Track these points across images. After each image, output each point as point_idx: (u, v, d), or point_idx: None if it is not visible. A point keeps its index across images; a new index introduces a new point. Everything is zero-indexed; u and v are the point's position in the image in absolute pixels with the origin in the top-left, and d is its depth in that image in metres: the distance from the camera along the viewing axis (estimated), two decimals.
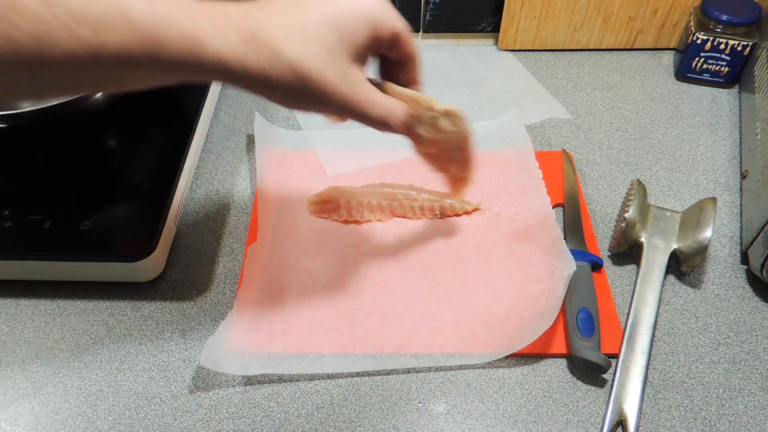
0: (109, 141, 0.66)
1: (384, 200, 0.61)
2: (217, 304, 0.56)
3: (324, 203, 0.61)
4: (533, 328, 0.50)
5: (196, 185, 0.66)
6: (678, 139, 0.70)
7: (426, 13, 0.80)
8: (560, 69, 0.79)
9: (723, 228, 0.62)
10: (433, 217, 0.61)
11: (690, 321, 0.54)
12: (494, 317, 0.53)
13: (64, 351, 0.53)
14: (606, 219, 0.62)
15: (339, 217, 0.61)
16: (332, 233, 0.60)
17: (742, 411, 0.49)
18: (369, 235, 0.60)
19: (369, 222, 0.61)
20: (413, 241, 0.59)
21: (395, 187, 0.62)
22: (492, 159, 0.66)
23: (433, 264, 0.57)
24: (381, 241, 0.59)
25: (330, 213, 0.61)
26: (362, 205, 0.61)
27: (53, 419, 0.49)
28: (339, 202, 0.61)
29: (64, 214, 0.56)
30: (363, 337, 0.52)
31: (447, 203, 0.61)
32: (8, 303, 0.56)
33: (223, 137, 0.71)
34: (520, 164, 0.65)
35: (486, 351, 0.51)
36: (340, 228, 0.61)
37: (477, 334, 0.52)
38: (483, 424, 0.48)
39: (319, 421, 0.48)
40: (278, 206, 0.62)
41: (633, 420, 0.47)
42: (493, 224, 0.60)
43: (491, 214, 0.61)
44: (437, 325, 0.53)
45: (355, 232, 0.60)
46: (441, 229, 0.60)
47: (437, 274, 0.56)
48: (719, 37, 0.71)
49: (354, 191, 0.62)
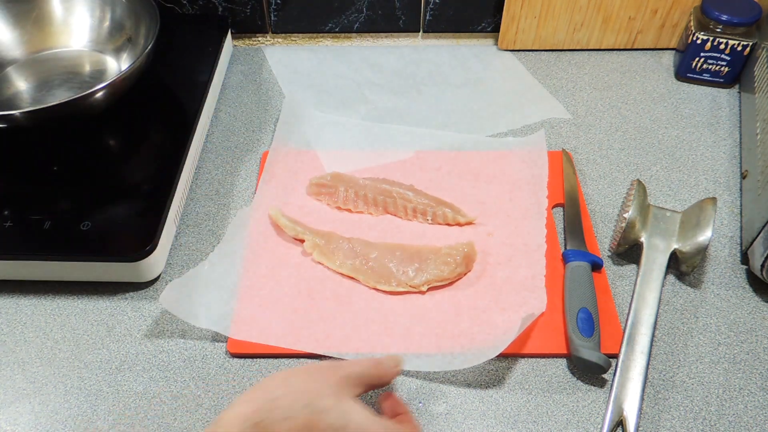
0: (109, 141, 0.66)
1: (380, 195, 0.61)
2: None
3: (323, 186, 0.63)
4: (476, 353, 0.50)
5: (196, 185, 0.66)
6: (678, 139, 0.70)
7: (426, 13, 0.80)
8: (560, 69, 0.79)
9: (723, 228, 0.62)
10: (424, 222, 0.61)
11: (690, 321, 0.54)
12: (445, 331, 0.53)
13: (64, 351, 0.53)
14: (606, 219, 0.62)
15: (333, 202, 0.62)
16: (322, 216, 0.61)
17: (742, 411, 0.49)
18: (355, 225, 0.61)
19: (360, 213, 0.62)
20: (396, 240, 0.59)
21: (395, 185, 0.62)
22: (505, 176, 0.65)
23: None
24: (366, 234, 0.60)
25: (326, 197, 0.62)
26: (358, 196, 0.62)
27: (53, 419, 0.49)
28: (337, 188, 0.62)
29: (64, 214, 0.56)
30: (313, 322, 0.53)
31: (441, 211, 0.60)
32: (8, 303, 0.56)
33: (223, 137, 0.71)
34: (531, 189, 0.63)
35: (424, 359, 0.51)
36: (332, 213, 0.62)
37: (422, 343, 0.52)
38: (483, 424, 0.48)
39: None
40: (282, 179, 0.64)
41: (633, 420, 0.47)
42: (481, 242, 0.59)
43: (483, 231, 0.60)
44: (388, 325, 0.53)
45: (344, 220, 0.61)
46: (429, 234, 0.60)
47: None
48: (719, 37, 0.71)
49: (355, 181, 0.62)
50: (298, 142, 0.68)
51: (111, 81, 0.58)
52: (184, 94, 0.69)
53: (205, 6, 0.79)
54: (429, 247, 0.57)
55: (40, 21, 0.71)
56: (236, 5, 0.79)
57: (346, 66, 0.80)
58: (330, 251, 0.57)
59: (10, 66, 0.70)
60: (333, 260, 0.57)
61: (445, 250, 0.56)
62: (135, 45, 0.69)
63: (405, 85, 0.77)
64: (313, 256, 0.57)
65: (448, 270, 0.55)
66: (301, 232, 0.58)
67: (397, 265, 0.56)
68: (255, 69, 0.80)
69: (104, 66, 0.70)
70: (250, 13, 0.80)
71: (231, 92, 0.76)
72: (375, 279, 0.56)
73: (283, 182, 0.64)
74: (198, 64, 0.72)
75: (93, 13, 0.72)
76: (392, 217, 0.61)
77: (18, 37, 0.71)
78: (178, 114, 0.67)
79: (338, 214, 0.62)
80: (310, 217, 0.61)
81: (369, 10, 0.80)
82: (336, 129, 0.70)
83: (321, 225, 0.60)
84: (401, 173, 0.65)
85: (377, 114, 0.73)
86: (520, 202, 0.62)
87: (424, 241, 0.59)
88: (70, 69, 0.70)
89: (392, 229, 0.60)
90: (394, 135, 0.70)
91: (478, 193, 0.63)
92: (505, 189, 0.64)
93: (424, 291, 0.55)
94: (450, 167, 0.65)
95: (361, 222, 0.61)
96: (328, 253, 0.57)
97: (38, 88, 0.68)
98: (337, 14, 0.80)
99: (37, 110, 0.56)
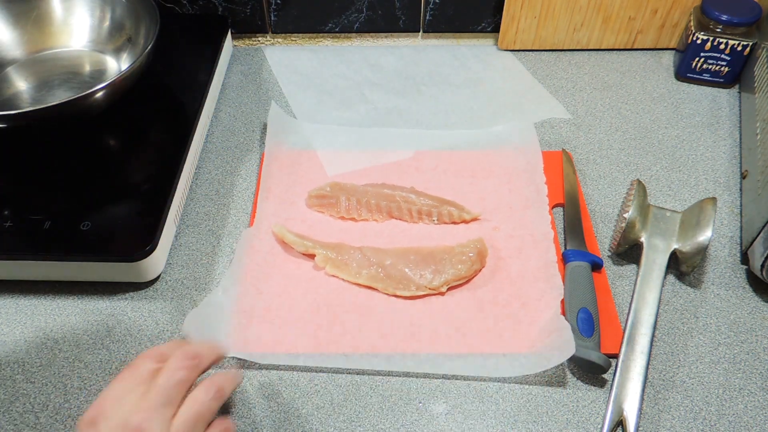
0: (109, 141, 0.66)
1: (382, 201, 0.61)
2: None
3: (323, 197, 0.62)
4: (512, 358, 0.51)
5: (196, 185, 0.66)
6: (678, 139, 0.70)
7: (426, 13, 0.80)
8: (560, 69, 0.79)
9: (723, 228, 0.62)
10: (430, 223, 0.61)
11: (690, 321, 0.54)
12: (472, 330, 0.53)
13: (64, 351, 0.53)
14: (606, 219, 0.62)
15: (336, 213, 0.61)
16: (327, 228, 0.60)
17: (742, 411, 0.49)
18: (362, 233, 0.60)
19: (365, 221, 0.61)
20: (405, 244, 0.59)
21: (396, 188, 0.62)
22: (501, 169, 0.65)
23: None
24: (373, 241, 0.59)
25: (328, 208, 0.61)
26: (360, 204, 0.61)
27: (53, 419, 0.49)
28: (338, 198, 0.61)
29: (64, 214, 0.56)
30: (338, 336, 0.52)
31: (445, 210, 0.60)
32: (8, 303, 0.56)
33: (223, 137, 0.71)
34: (528, 177, 0.64)
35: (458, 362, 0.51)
36: (336, 224, 0.61)
37: (451, 344, 0.52)
38: (483, 424, 0.48)
39: (319, 421, 0.48)
40: (279, 195, 0.63)
41: (633, 420, 0.47)
42: (489, 237, 0.59)
43: (489, 226, 0.60)
44: (414, 330, 0.53)
45: (349, 229, 0.60)
46: (436, 235, 0.60)
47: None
48: (719, 37, 0.71)
49: (355, 189, 0.62)
50: (290, 155, 0.67)
51: (111, 81, 0.58)
52: (184, 94, 0.69)
53: (205, 6, 0.79)
54: (442, 248, 0.57)
55: (40, 21, 0.71)
56: (236, 5, 0.79)
57: (346, 66, 0.80)
58: (343, 263, 0.56)
59: (10, 66, 0.70)
60: (348, 272, 0.56)
61: (459, 249, 0.56)
62: (135, 45, 0.69)
63: (405, 85, 0.77)
64: (326, 269, 0.56)
65: (465, 268, 0.55)
66: (310, 247, 0.57)
67: (413, 269, 0.55)
68: (255, 69, 0.80)
69: (104, 66, 0.70)
70: (250, 13, 0.80)
71: (231, 92, 0.76)
72: (393, 286, 0.55)
73: (280, 197, 0.63)
74: (198, 64, 0.72)
75: (93, 13, 0.72)
76: (397, 222, 0.61)
77: (18, 37, 0.71)
78: (178, 114, 0.67)
79: (342, 224, 0.61)
80: (315, 229, 0.60)
81: (369, 10, 0.80)
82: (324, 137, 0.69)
83: (327, 237, 0.59)
84: (398, 175, 0.65)
85: (377, 114, 0.73)
86: (520, 193, 0.63)
87: (432, 241, 0.59)
88: (70, 69, 0.70)
89: (399, 233, 0.60)
90: (383, 137, 0.69)
91: (478, 189, 0.63)
92: (503, 181, 0.64)
93: (444, 292, 0.55)
94: (446, 166, 0.66)
95: (367, 229, 0.60)
96: (342, 265, 0.56)
97: (38, 88, 0.68)
98: (337, 14, 0.80)
99: (37, 110, 0.56)
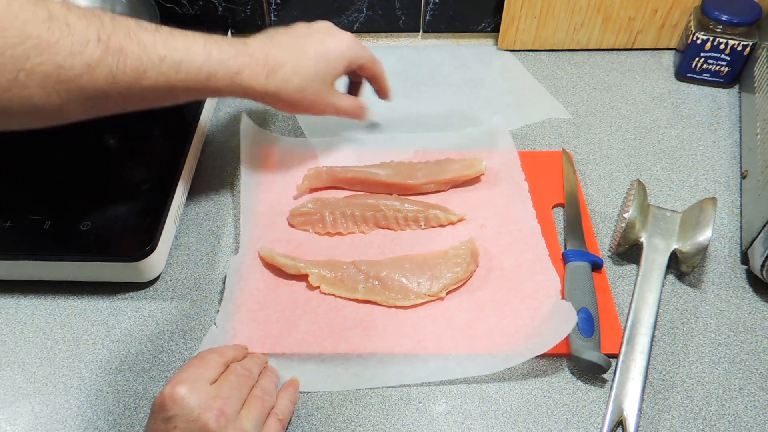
0: (109, 141, 0.66)
1: (368, 211, 0.60)
2: (217, 304, 0.56)
3: (306, 215, 0.60)
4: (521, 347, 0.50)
5: (196, 185, 0.66)
6: (678, 139, 0.70)
7: (426, 13, 0.80)
8: (560, 69, 0.79)
9: (723, 228, 0.62)
10: (417, 228, 0.61)
11: (690, 321, 0.54)
12: (476, 330, 0.53)
13: (64, 351, 0.53)
14: (606, 219, 0.62)
15: (321, 229, 0.60)
16: (314, 245, 0.59)
17: (742, 411, 0.49)
18: (352, 247, 0.59)
19: (352, 234, 0.60)
20: (396, 252, 0.58)
21: (379, 198, 0.61)
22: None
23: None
24: (364, 253, 0.58)
25: (312, 225, 0.60)
26: (346, 217, 0.60)
27: (53, 419, 0.49)
28: (322, 213, 0.60)
29: (64, 214, 0.56)
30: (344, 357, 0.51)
31: (431, 214, 0.60)
32: (8, 303, 0.56)
33: (223, 137, 0.71)
34: (506, 174, 0.64)
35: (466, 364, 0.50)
36: (323, 240, 0.59)
37: (458, 346, 0.52)
38: (483, 424, 0.48)
39: (319, 421, 0.48)
40: (260, 216, 0.61)
41: (633, 420, 0.47)
42: (478, 236, 0.59)
43: (476, 225, 0.60)
44: (419, 337, 0.52)
45: (338, 244, 0.59)
46: (425, 239, 0.60)
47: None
48: (719, 37, 0.71)
49: (337, 202, 0.61)
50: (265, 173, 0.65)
51: None
52: None
53: (205, 6, 0.79)
54: (435, 253, 0.57)
55: None
56: (236, 5, 0.79)
57: None
58: (338, 280, 0.55)
59: None
60: (344, 288, 0.55)
61: (452, 252, 0.56)
62: None
63: (405, 85, 0.77)
64: (321, 288, 0.55)
65: (461, 270, 0.55)
66: (302, 268, 0.55)
67: (410, 278, 0.55)
68: None
69: None
70: (250, 13, 0.80)
71: None
72: (393, 297, 0.54)
73: (262, 219, 0.61)
74: None
75: None
76: (385, 231, 0.60)
77: None
78: (178, 114, 0.67)
79: (329, 239, 0.59)
80: (303, 248, 0.58)
81: (369, 10, 0.80)
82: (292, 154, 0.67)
83: (316, 254, 0.58)
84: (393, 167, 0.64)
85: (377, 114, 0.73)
86: (500, 189, 0.63)
87: (422, 246, 0.59)
88: None
89: (389, 242, 0.59)
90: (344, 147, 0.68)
91: (458, 191, 0.63)
92: (480, 178, 0.64)
93: (443, 297, 0.55)
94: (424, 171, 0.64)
95: (356, 242, 0.59)
96: (337, 282, 0.55)
97: None
98: (337, 14, 0.80)
99: None
